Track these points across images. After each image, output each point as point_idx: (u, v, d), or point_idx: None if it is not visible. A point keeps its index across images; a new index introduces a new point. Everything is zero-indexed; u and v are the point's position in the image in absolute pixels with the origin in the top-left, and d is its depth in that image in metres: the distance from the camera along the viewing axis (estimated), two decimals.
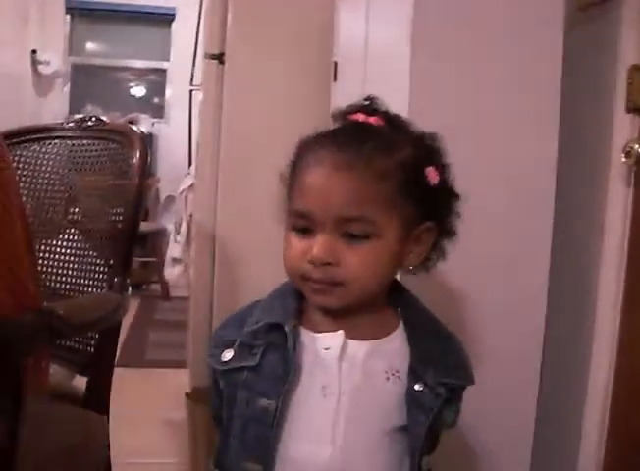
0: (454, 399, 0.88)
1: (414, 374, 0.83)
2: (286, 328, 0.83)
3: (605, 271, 1.31)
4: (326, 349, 0.83)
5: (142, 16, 5.73)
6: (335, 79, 1.79)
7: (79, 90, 5.63)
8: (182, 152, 5.41)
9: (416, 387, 0.83)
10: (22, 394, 1.00)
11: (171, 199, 5.36)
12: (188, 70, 3.89)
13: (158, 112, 5.81)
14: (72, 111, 5.39)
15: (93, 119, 1.41)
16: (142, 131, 1.35)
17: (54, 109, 5.06)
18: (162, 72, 5.86)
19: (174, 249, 4.89)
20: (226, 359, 0.85)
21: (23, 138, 1.49)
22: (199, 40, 3.47)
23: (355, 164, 0.78)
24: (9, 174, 1.09)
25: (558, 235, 1.32)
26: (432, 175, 0.83)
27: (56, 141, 1.46)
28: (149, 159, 1.31)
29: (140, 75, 5.98)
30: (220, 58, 2.29)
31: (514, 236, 1.30)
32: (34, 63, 4.62)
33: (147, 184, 1.30)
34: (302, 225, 0.81)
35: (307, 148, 0.83)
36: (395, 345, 0.85)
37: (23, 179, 1.47)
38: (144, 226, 5.03)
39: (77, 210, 1.39)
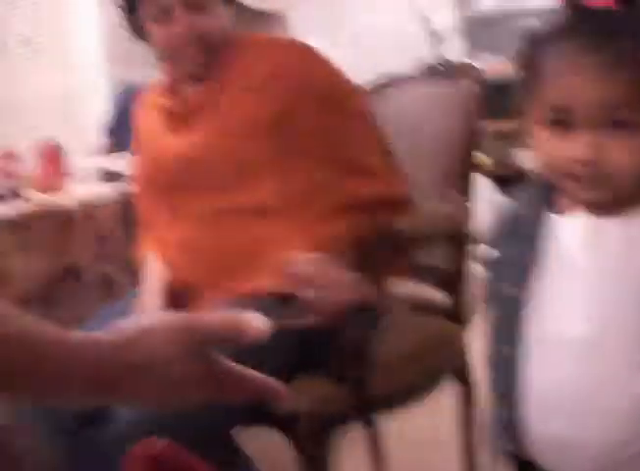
0: None
1: None
2: (525, 219, 0.87)
3: None
4: (575, 231, 0.84)
5: None
6: None
7: (473, 42, 5.80)
8: None
9: None
10: (378, 303, 1.21)
11: None
12: None
13: None
14: None
15: (441, 62, 1.56)
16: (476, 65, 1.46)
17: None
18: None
19: None
20: (485, 254, 0.93)
21: (380, 88, 1.70)
22: None
23: (617, 55, 0.76)
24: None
25: None
26: None
27: (408, 86, 1.64)
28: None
29: (536, 15, 5.92)
30: None
31: None
32: (426, 22, 4.93)
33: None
34: (557, 118, 0.80)
35: (551, 44, 0.82)
36: None
37: (384, 122, 1.68)
38: None
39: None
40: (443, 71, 1.55)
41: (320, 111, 1.29)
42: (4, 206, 1.58)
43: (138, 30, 1.35)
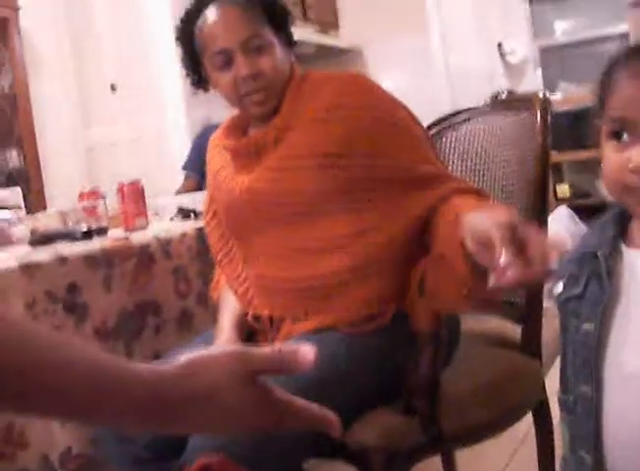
0: None
1: None
2: (599, 255, 0.84)
3: None
4: None
5: None
6: None
7: (550, 71, 5.73)
8: None
9: None
10: (441, 337, 1.20)
11: None
12: None
13: None
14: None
15: (504, 93, 1.56)
16: (544, 94, 1.44)
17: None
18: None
19: None
20: (558, 291, 0.90)
21: (453, 121, 1.70)
22: None
23: None
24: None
25: None
26: None
27: (479, 119, 1.64)
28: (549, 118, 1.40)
29: (612, 41, 5.81)
30: None
31: None
32: (502, 55, 4.91)
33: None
34: (616, 129, 0.80)
35: (619, 63, 0.83)
36: None
37: (457, 156, 1.69)
38: None
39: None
40: (512, 103, 1.53)
41: (379, 137, 1.31)
42: (88, 243, 1.65)
43: (203, 81, 1.43)
